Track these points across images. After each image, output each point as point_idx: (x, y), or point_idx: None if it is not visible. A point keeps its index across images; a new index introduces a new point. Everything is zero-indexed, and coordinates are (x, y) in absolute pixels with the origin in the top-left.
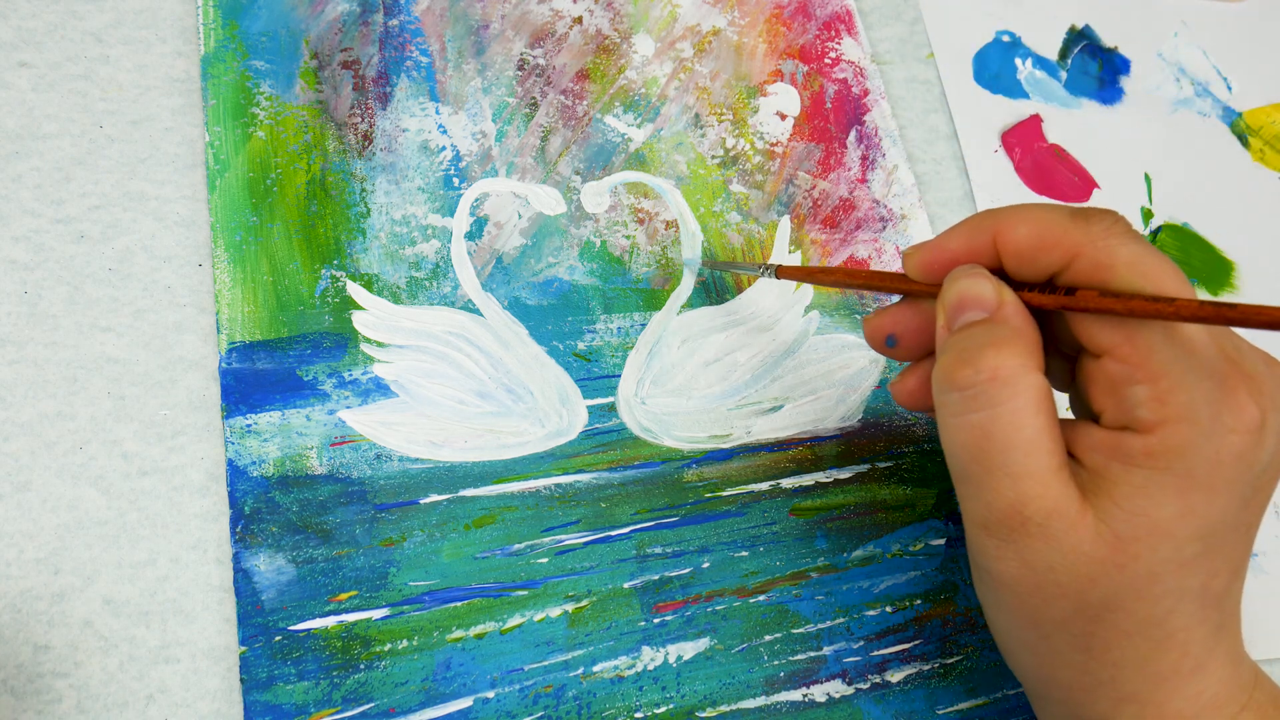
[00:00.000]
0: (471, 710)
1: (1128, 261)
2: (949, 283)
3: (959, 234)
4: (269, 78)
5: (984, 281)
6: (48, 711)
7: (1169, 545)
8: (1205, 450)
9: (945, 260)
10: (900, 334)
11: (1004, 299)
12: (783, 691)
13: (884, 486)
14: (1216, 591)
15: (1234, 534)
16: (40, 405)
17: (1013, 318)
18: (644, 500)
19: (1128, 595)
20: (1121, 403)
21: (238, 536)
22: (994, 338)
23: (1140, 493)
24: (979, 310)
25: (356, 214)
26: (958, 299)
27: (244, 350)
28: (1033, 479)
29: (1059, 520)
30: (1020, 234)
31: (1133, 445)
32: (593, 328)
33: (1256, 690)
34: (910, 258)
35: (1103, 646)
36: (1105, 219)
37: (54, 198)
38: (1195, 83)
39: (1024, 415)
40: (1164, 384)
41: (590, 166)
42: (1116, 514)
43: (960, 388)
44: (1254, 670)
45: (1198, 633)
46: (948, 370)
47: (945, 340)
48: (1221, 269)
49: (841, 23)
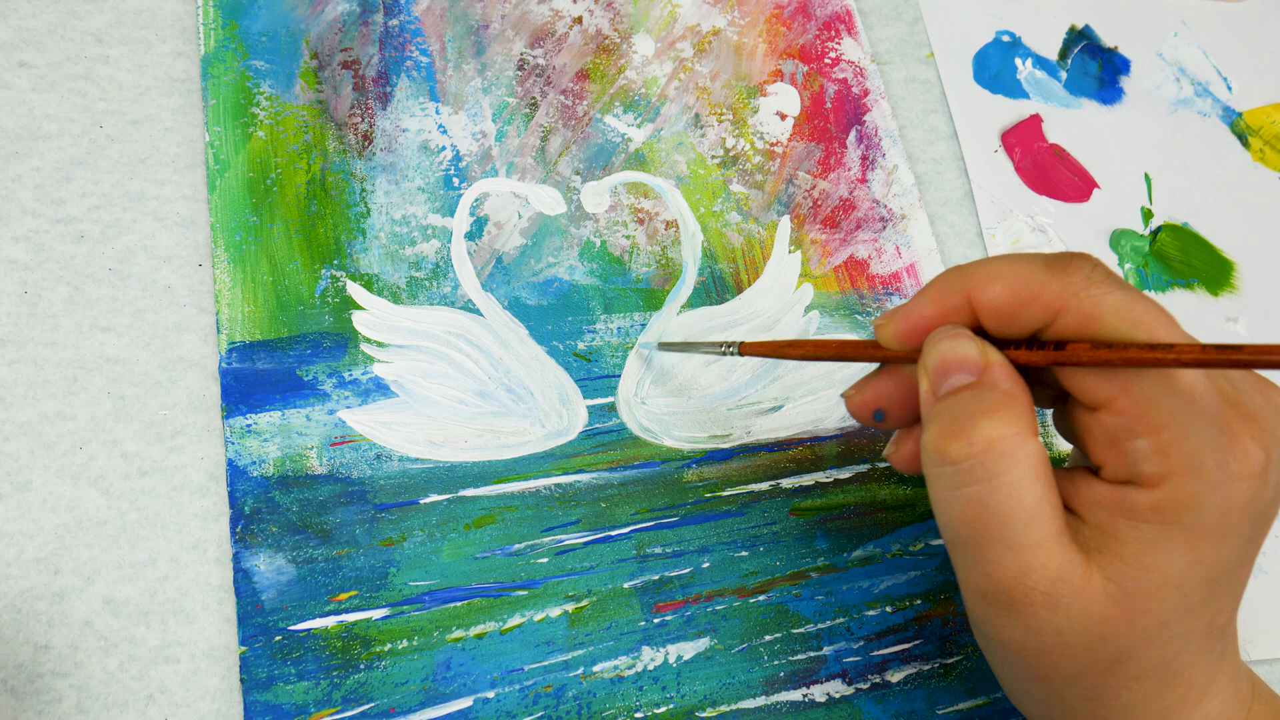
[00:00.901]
0: (471, 710)
1: (1115, 310)
2: (930, 345)
3: (930, 298)
4: (269, 78)
5: (967, 342)
6: (48, 711)
7: (1178, 595)
8: (1213, 501)
9: (921, 327)
10: (887, 407)
11: (990, 360)
12: (783, 691)
13: (884, 486)
14: (1220, 625)
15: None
16: (40, 405)
17: (1001, 380)
18: (644, 500)
19: (1137, 645)
20: (1123, 456)
21: (238, 536)
22: (984, 405)
23: (1149, 549)
24: (964, 374)
25: (356, 214)
26: (940, 363)
27: (244, 350)
28: (1035, 549)
29: (1064, 587)
30: (995, 292)
31: (1138, 501)
32: (593, 328)
33: (1255, 702)
34: (883, 329)
35: (1112, 694)
36: (1083, 267)
37: (54, 198)
38: (1195, 83)
39: (1024, 486)
40: (1165, 436)
41: (590, 166)
42: (1124, 571)
43: (953, 461)
44: (1252, 681)
45: (1202, 665)
46: (939, 442)
47: (932, 408)
48: (1221, 269)
49: (841, 23)
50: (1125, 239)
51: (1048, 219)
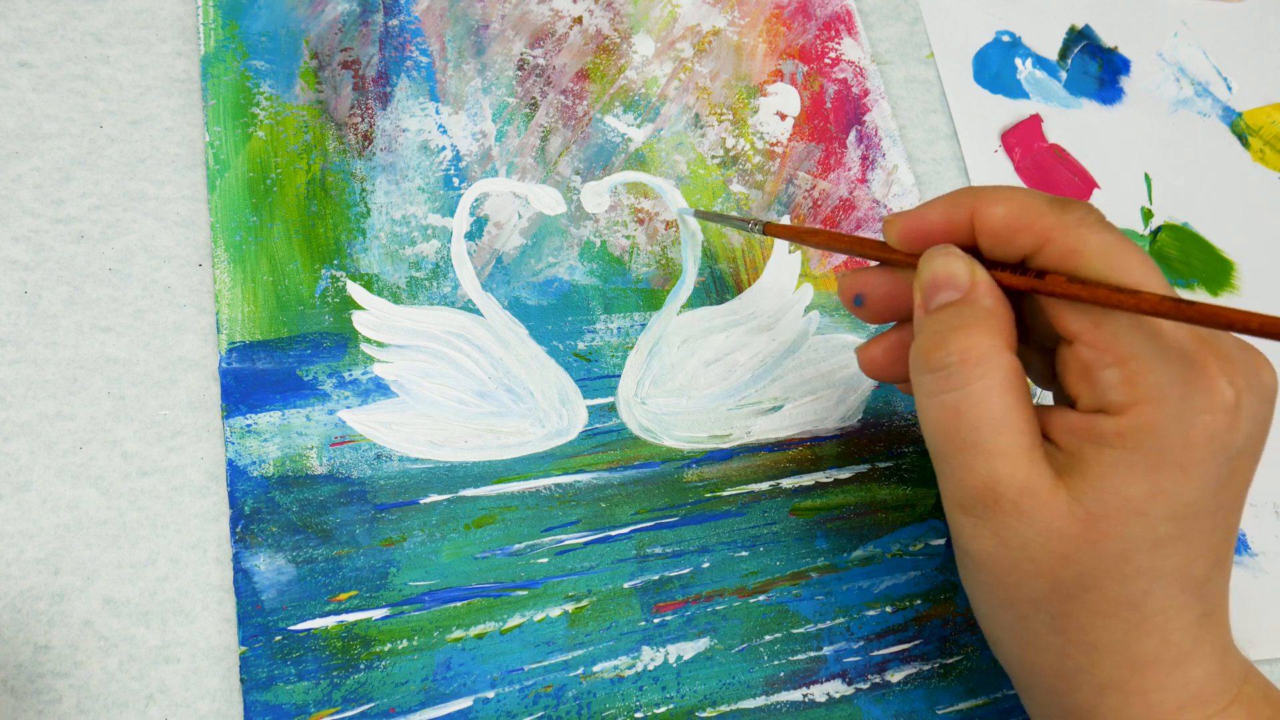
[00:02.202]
0: (471, 710)
1: (1097, 250)
2: (924, 262)
3: (940, 206)
4: (269, 78)
5: (958, 261)
6: (48, 711)
7: (1141, 523)
8: (1175, 430)
9: (924, 230)
10: (869, 294)
11: (976, 279)
12: (783, 691)
13: (884, 486)
14: (1197, 577)
15: (1211, 517)
16: (40, 405)
17: (984, 297)
18: (644, 500)
19: (1101, 573)
20: (1094, 386)
21: (238, 536)
22: (965, 319)
23: (1111, 471)
24: (952, 290)
25: (356, 214)
26: (931, 278)
27: (244, 350)
28: (1004, 456)
29: (1031, 498)
30: (997, 213)
31: (1104, 426)
32: (593, 328)
33: (1246, 684)
34: (891, 225)
35: (1078, 628)
36: (1080, 209)
37: (54, 198)
38: (1195, 83)
39: (993, 394)
40: (1133, 366)
41: (590, 166)
42: (1089, 492)
43: (933, 369)
44: (1243, 664)
45: (1178, 619)
46: (923, 351)
47: (921, 321)
48: (1221, 269)
49: (841, 23)
50: None
51: None
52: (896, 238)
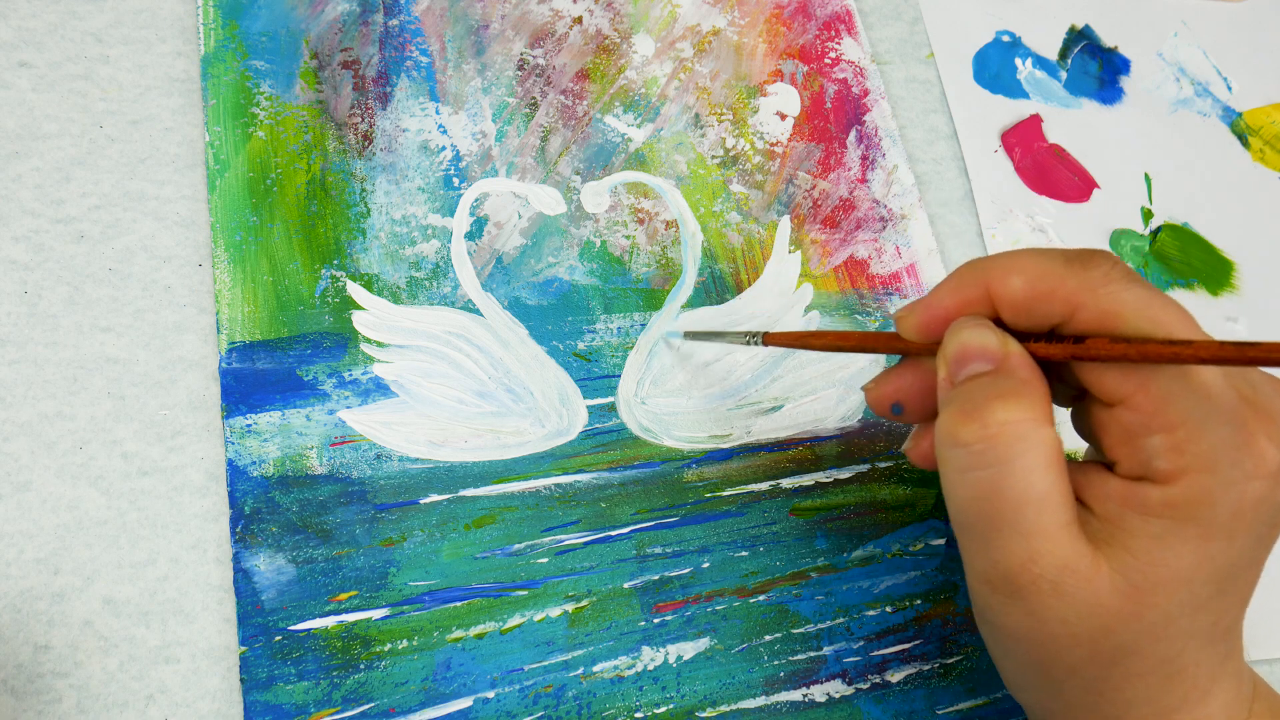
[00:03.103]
0: (471, 710)
1: (1134, 307)
2: (951, 334)
3: (950, 290)
4: (269, 78)
5: (988, 332)
6: (48, 711)
7: (1185, 591)
8: (1226, 499)
9: (940, 318)
10: (905, 399)
11: (1009, 350)
12: (783, 691)
13: (884, 486)
14: (1226, 625)
15: (1247, 572)
16: (40, 405)
17: (1019, 369)
18: (644, 500)
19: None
20: (1137, 453)
21: (238, 536)
22: (1001, 390)
23: (1159, 544)
24: (983, 362)
25: (356, 214)
26: (960, 351)
27: (244, 350)
28: (1044, 536)
29: (1071, 576)
30: (1014, 286)
31: (1151, 496)
32: (593, 328)
33: (1256, 701)
34: (904, 320)
35: (1115, 689)
36: (1103, 264)
37: (54, 198)
38: (1195, 83)
39: (1036, 472)
40: (1181, 433)
41: (590, 166)
42: (1133, 564)
43: (965, 443)
44: (1253, 680)
45: (1206, 665)
46: (952, 425)
47: (948, 394)
48: (1221, 269)
49: (841, 23)
50: (1125, 239)
51: (1048, 219)
52: (913, 331)
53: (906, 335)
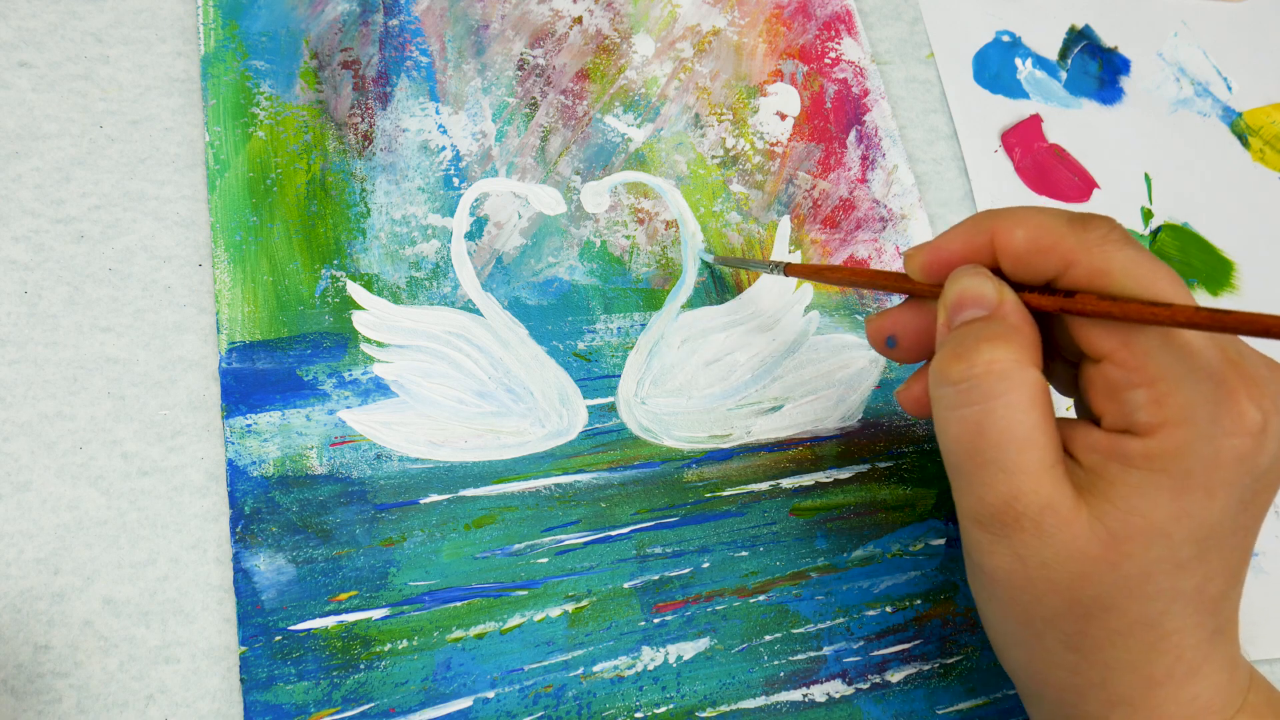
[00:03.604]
0: (471, 710)
1: (1124, 267)
2: (951, 281)
3: (958, 235)
4: (269, 78)
5: (985, 280)
6: (48, 711)
7: (1163, 545)
8: (1203, 452)
9: (945, 261)
10: (900, 334)
11: (1004, 298)
12: (783, 691)
13: (884, 486)
14: (1213, 595)
15: (1231, 537)
16: (40, 405)
17: (1011, 315)
18: (644, 500)
19: (1120, 594)
20: (1121, 406)
21: (238, 536)
22: (991, 333)
23: (1136, 492)
24: (979, 308)
25: (356, 214)
26: (958, 297)
27: (244, 350)
28: (1026, 474)
29: (1052, 516)
30: (1017, 237)
31: (1131, 447)
32: (593, 328)
33: (1251, 693)
34: (912, 259)
35: (1094, 646)
36: (1102, 225)
37: (54, 198)
38: (1195, 83)
39: (1018, 410)
40: (1162, 387)
41: (590, 166)
42: (1111, 513)
43: (955, 381)
44: (1249, 673)
45: (1192, 637)
46: (943, 364)
47: (944, 336)
48: (1221, 269)
49: (841, 23)
50: None
51: None
52: (919, 270)
53: (912, 273)
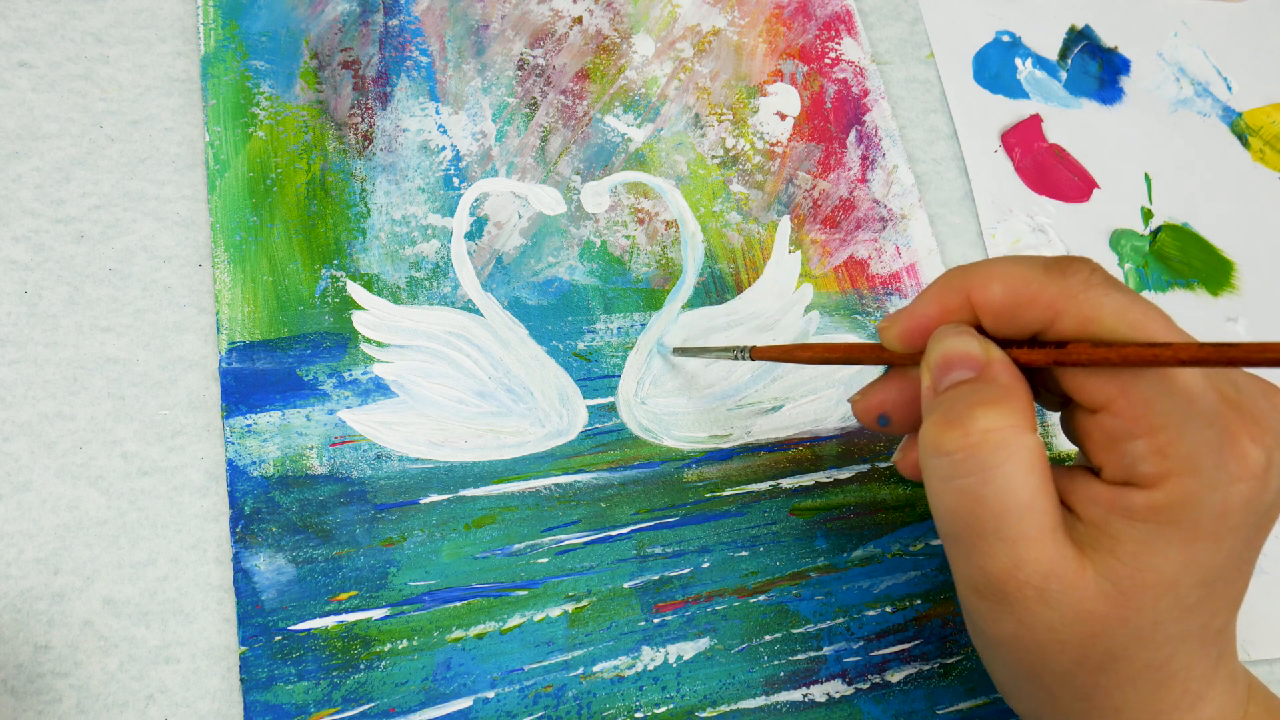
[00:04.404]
0: (471, 710)
1: (1115, 311)
2: (933, 342)
3: (931, 298)
4: (269, 78)
5: (970, 339)
6: (48, 711)
7: (1172, 595)
8: (1210, 501)
9: (923, 327)
10: (891, 410)
11: (991, 356)
12: (783, 691)
13: (884, 486)
14: (1217, 628)
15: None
16: (40, 405)
17: (1001, 375)
18: (644, 500)
19: (1130, 645)
20: (1121, 457)
21: (238, 536)
22: (983, 397)
23: (1144, 548)
24: (966, 369)
25: (356, 214)
26: (942, 358)
27: (244, 350)
28: (1029, 543)
29: (1057, 582)
30: (994, 292)
31: (1135, 501)
32: (593, 328)
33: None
34: (887, 331)
35: (1104, 694)
36: (1083, 269)
37: (54, 198)
38: (1195, 83)
39: (1018, 479)
40: (1163, 437)
41: (590, 166)
42: (1119, 569)
43: (948, 452)
44: (1247, 681)
45: (1198, 669)
46: (935, 434)
47: (931, 402)
48: (1221, 269)
49: (841, 23)
50: (1125, 239)
51: (1048, 219)
52: (896, 340)
53: (890, 345)
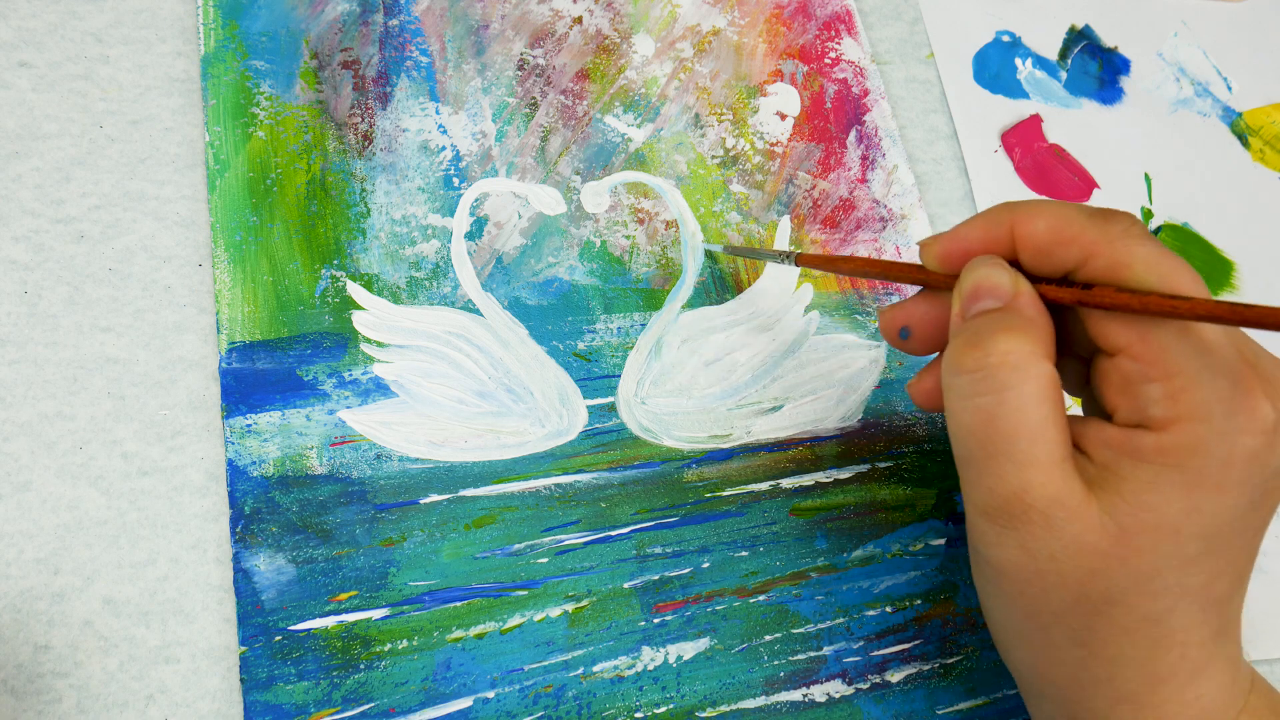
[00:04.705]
0: (471, 710)
1: (1144, 261)
2: (966, 271)
3: (977, 225)
4: (269, 78)
5: (1001, 271)
6: (48, 711)
7: (1173, 542)
8: (1217, 449)
9: (962, 250)
10: (915, 325)
11: (1020, 289)
12: (783, 691)
13: (884, 486)
14: (1219, 594)
15: (1239, 536)
16: (40, 405)
17: (1027, 307)
18: (644, 500)
19: (1128, 589)
20: (1135, 400)
21: (238, 536)
22: (1006, 324)
23: (1148, 488)
24: (994, 299)
25: (356, 214)
26: (973, 287)
27: (244, 350)
28: (1037, 466)
29: (1061, 509)
30: (1038, 228)
31: (1144, 442)
32: (593, 328)
33: (1252, 694)
34: (928, 248)
35: (1101, 642)
36: (1124, 220)
37: (54, 198)
38: (1195, 83)
39: (1031, 401)
40: (1178, 382)
41: (590, 166)
42: (1122, 508)
43: (968, 370)
44: (1250, 674)
45: (1197, 635)
46: (957, 353)
47: (959, 326)
48: (1221, 269)
49: (841, 23)
50: None
51: None
52: (935, 259)
53: (928, 263)
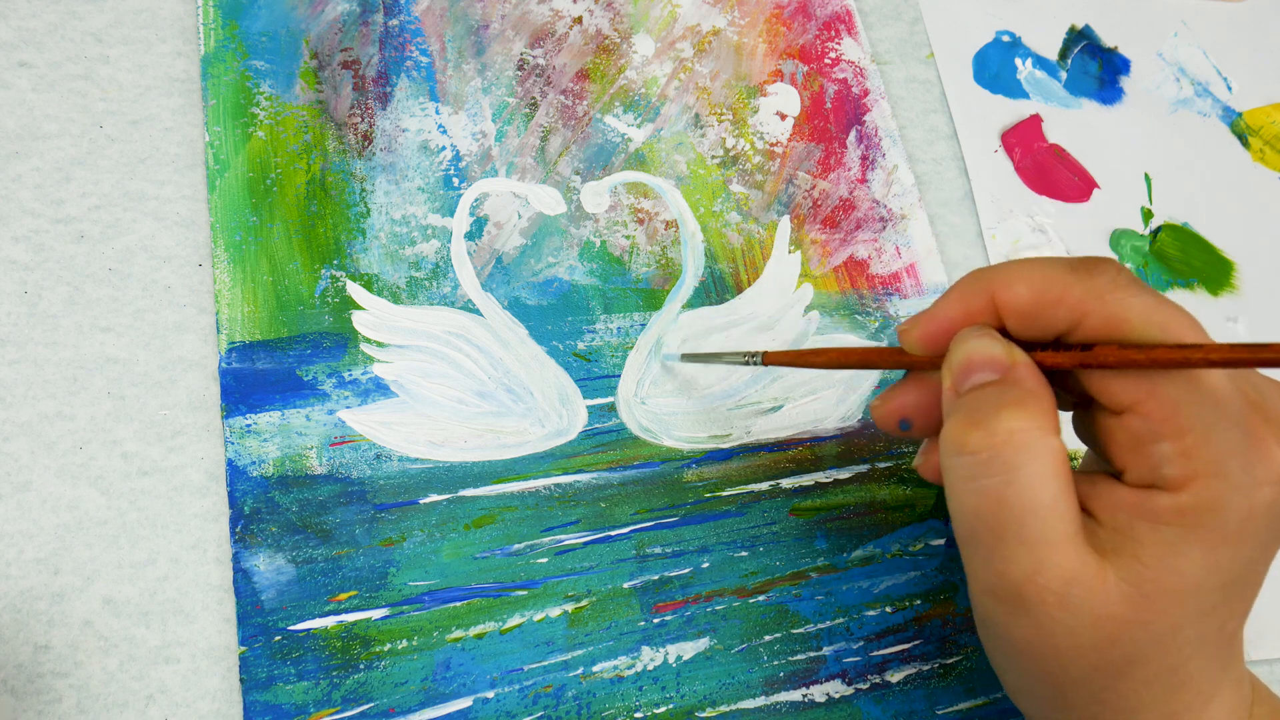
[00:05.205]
0: (471, 710)
1: (1140, 313)
2: (956, 344)
3: (954, 300)
4: (269, 78)
5: (994, 342)
6: (48, 711)
7: (1194, 599)
8: (1237, 505)
9: (945, 330)
10: (913, 415)
11: (1015, 359)
12: (782, 691)
13: (884, 486)
14: (1230, 632)
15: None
16: (40, 405)
17: (1026, 379)
18: (644, 500)
19: (1149, 649)
20: (1147, 460)
21: (237, 536)
22: (1007, 399)
23: (1169, 551)
24: (989, 371)
25: (356, 214)
26: (965, 360)
27: (244, 350)
28: (1050, 546)
29: (1078, 588)
30: (1019, 293)
31: (1161, 504)
32: (592, 328)
33: (1256, 705)
34: (907, 333)
35: (1120, 697)
36: (1108, 270)
37: (54, 198)
38: (1195, 83)
39: (1041, 480)
40: (1190, 439)
41: (590, 166)
42: (1142, 573)
43: (971, 451)
44: (1251, 683)
45: (1209, 671)
46: (958, 434)
47: (953, 403)
48: (1221, 269)
49: (841, 23)
50: (1125, 239)
51: (1048, 219)
52: (917, 344)
53: (911, 349)
